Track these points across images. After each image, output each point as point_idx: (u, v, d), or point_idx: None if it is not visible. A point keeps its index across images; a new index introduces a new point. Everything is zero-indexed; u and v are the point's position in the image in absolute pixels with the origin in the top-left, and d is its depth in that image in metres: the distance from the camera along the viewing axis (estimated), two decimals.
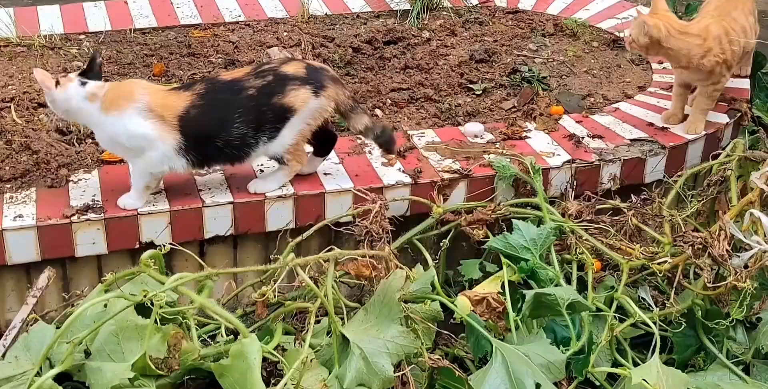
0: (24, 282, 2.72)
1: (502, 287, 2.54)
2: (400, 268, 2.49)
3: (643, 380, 2.28)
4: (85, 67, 2.67)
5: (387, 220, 2.68)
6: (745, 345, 2.64)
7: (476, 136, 3.16)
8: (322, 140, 2.84)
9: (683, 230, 2.69)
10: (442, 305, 2.44)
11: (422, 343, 2.34)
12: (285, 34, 3.88)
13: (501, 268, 2.63)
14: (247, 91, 2.67)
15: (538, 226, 2.70)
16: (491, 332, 2.41)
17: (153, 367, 2.21)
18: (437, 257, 2.84)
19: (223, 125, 2.66)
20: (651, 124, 3.24)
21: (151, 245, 2.70)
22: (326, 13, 4.10)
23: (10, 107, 3.22)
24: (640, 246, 2.69)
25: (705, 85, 3.14)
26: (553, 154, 3.04)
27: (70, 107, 2.63)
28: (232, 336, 2.37)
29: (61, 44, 3.76)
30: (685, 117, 3.23)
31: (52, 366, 2.21)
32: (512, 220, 2.70)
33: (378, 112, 3.36)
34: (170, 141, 2.63)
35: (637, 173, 3.09)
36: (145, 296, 2.18)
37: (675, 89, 3.24)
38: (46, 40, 3.76)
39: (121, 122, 2.62)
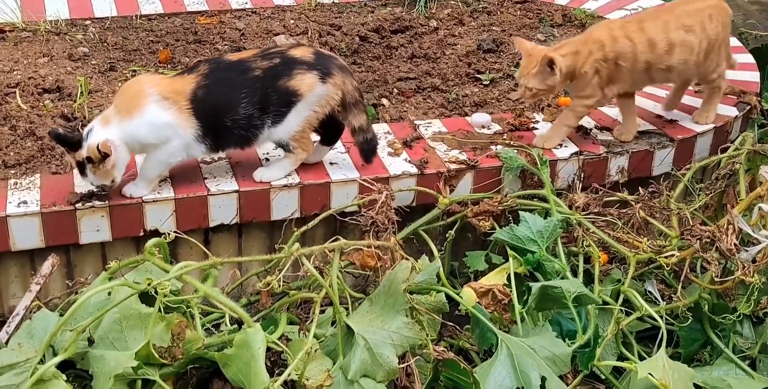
0: (28, 269, 2.71)
1: (508, 279, 2.53)
2: (406, 259, 2.48)
3: (649, 374, 2.27)
4: (66, 147, 2.61)
5: (393, 210, 2.67)
6: (752, 340, 2.63)
7: (483, 126, 3.14)
8: (329, 129, 2.82)
9: (691, 223, 2.68)
10: (448, 296, 2.43)
11: (427, 335, 2.33)
12: (292, 21, 3.86)
13: (507, 260, 2.63)
14: (253, 72, 2.66)
15: (544, 218, 2.68)
16: (496, 324, 2.40)
17: (156, 356, 2.20)
18: (443, 249, 2.83)
19: (230, 103, 2.64)
20: (659, 116, 3.22)
21: (155, 233, 2.69)
22: (333, 1, 4.08)
23: (15, 92, 3.21)
24: (648, 239, 2.67)
25: (574, 97, 2.99)
26: (561, 145, 3.02)
27: (127, 143, 2.61)
28: (236, 326, 2.36)
29: (67, 30, 3.74)
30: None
31: (55, 354, 2.20)
32: (519, 212, 2.70)
33: (384, 101, 3.34)
34: (189, 129, 2.63)
35: (645, 166, 3.07)
36: (149, 284, 2.17)
37: (618, 102, 3.10)
38: (52, 25, 3.75)
39: (145, 119, 2.60)
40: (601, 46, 2.89)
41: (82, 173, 2.61)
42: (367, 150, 2.83)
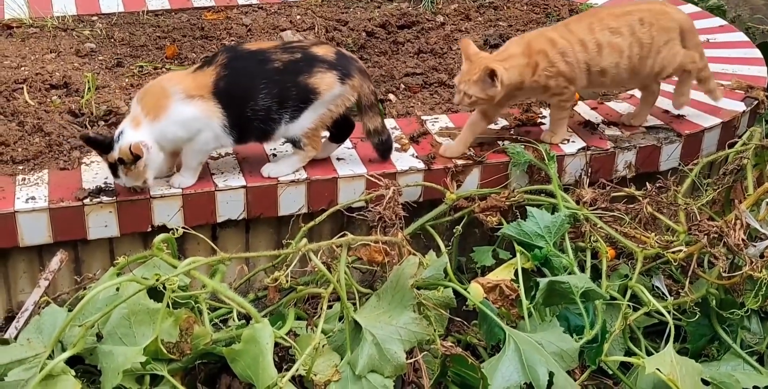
0: (36, 264, 2.71)
1: (516, 274, 2.53)
2: (413, 254, 2.48)
3: (657, 369, 2.27)
4: (98, 150, 2.64)
5: (400, 206, 2.67)
6: (760, 335, 2.63)
7: None
8: (341, 128, 2.82)
9: (698, 218, 2.67)
10: (455, 291, 2.43)
11: (435, 330, 2.33)
12: (298, 17, 3.86)
13: (514, 255, 2.63)
14: (272, 63, 2.66)
15: (552, 213, 2.68)
16: (504, 319, 2.40)
17: (165, 351, 2.20)
18: (450, 244, 2.83)
19: (250, 92, 2.65)
20: (666, 111, 3.21)
21: (163, 228, 2.69)
22: None
23: (22, 88, 3.21)
24: (655, 235, 2.67)
25: (548, 98, 2.96)
26: (568, 141, 3.02)
27: (159, 142, 2.62)
28: (244, 321, 2.36)
29: (74, 26, 3.75)
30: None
31: (64, 349, 2.20)
32: (526, 207, 2.69)
33: (391, 97, 3.34)
34: (216, 119, 2.64)
35: (653, 161, 3.07)
36: (157, 280, 2.17)
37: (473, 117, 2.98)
38: (59, 21, 3.75)
39: (172, 119, 2.61)
40: (545, 54, 2.84)
41: (115, 174, 2.62)
42: (383, 150, 2.86)
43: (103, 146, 2.61)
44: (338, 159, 2.89)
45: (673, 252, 2.60)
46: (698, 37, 3.08)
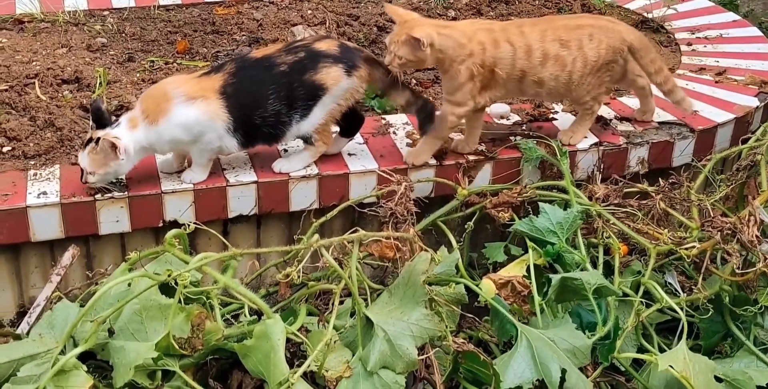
0: (48, 259, 2.72)
1: (528, 270, 2.52)
2: (425, 250, 2.47)
3: (670, 366, 2.26)
4: (95, 122, 2.61)
5: (412, 201, 2.66)
6: None
7: (502, 117, 3.13)
8: (350, 121, 2.82)
9: (711, 215, 2.66)
10: (467, 288, 2.42)
11: (446, 326, 2.32)
12: (309, 12, 3.85)
13: (526, 251, 2.62)
14: (278, 67, 2.66)
15: (564, 209, 2.67)
16: (516, 316, 2.39)
17: (176, 347, 2.20)
18: (461, 240, 2.83)
19: (259, 100, 2.65)
20: None
21: (174, 223, 2.69)
22: None
23: (34, 83, 3.22)
24: (668, 231, 2.65)
25: (445, 101, 2.82)
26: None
27: (139, 146, 2.61)
28: (255, 317, 2.36)
29: (85, 20, 3.75)
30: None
31: (75, 345, 2.21)
32: (538, 203, 2.68)
33: None
34: (219, 122, 2.63)
35: (665, 157, 3.05)
36: (169, 275, 2.17)
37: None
38: (70, 16, 3.75)
39: (173, 122, 2.61)
40: (483, 49, 2.74)
41: (84, 147, 2.61)
42: (425, 116, 2.76)
43: (101, 123, 2.60)
44: (349, 154, 2.88)
45: (686, 249, 2.59)
46: (653, 53, 2.94)
